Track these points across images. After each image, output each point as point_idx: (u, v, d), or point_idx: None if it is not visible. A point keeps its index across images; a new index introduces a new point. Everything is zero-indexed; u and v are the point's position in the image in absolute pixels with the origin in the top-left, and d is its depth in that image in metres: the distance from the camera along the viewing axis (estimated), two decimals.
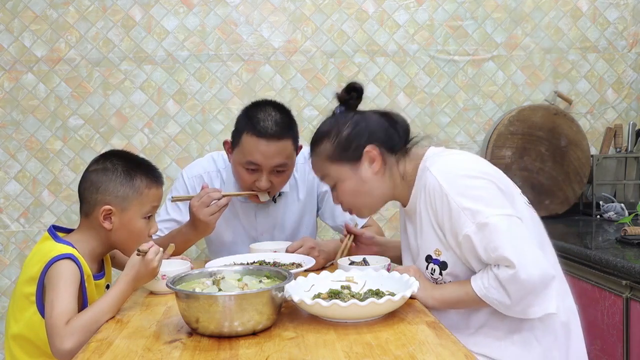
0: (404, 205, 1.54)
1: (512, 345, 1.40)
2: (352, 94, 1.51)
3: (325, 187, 2.03)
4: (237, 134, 1.82)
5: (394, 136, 1.49)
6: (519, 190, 1.49)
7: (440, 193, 1.37)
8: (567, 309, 1.45)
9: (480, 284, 1.35)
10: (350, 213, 1.57)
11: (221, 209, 1.75)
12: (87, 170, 1.56)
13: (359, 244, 1.75)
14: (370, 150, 1.46)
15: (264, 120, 1.75)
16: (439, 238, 1.42)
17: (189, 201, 1.81)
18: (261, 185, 1.81)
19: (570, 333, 1.43)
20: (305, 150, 2.11)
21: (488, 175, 1.40)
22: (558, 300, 1.39)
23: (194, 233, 1.79)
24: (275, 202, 2.00)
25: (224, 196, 1.76)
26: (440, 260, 1.43)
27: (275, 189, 1.87)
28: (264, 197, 1.88)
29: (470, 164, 1.44)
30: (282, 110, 1.82)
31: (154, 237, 1.79)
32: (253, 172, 1.80)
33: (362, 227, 2.02)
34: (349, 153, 1.47)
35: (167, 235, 1.87)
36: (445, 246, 1.42)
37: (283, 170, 1.82)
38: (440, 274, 1.44)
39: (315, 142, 1.53)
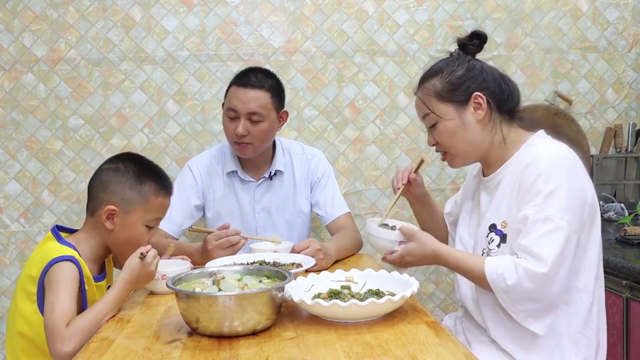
0: (485, 170, 1.53)
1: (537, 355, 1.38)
2: (473, 40, 1.49)
3: (318, 175, 2.13)
4: (226, 92, 2.03)
5: (505, 95, 1.46)
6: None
7: (537, 169, 1.34)
8: (602, 340, 1.43)
9: (495, 264, 1.32)
10: (443, 158, 1.54)
11: (236, 250, 1.79)
12: (99, 168, 1.57)
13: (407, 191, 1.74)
14: (479, 96, 1.43)
15: (247, 75, 1.98)
16: (513, 212, 1.38)
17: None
18: (238, 130, 1.94)
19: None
20: (306, 147, 2.16)
21: (588, 189, 1.38)
22: (596, 329, 1.38)
23: (199, 260, 1.80)
24: (271, 179, 2.09)
25: (242, 237, 1.79)
26: (504, 232, 1.40)
27: (254, 140, 1.97)
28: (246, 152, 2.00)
29: (580, 167, 1.41)
30: (268, 72, 2.03)
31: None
32: (233, 120, 1.96)
33: (332, 221, 2.10)
34: (457, 93, 1.44)
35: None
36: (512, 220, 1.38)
37: (258, 120, 1.95)
38: (498, 245, 1.41)
39: (425, 78, 1.50)
